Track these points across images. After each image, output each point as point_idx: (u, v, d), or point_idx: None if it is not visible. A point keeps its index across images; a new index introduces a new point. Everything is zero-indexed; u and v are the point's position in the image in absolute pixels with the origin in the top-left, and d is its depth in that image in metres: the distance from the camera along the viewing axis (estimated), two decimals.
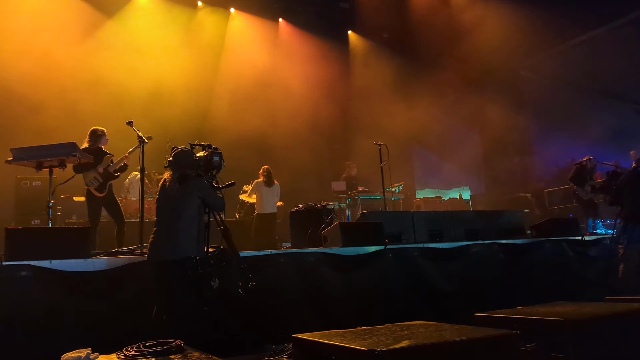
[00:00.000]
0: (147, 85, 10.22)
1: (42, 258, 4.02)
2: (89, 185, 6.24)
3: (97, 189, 6.25)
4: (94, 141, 6.39)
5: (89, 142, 6.39)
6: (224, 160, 4.43)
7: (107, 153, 6.47)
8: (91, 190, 6.25)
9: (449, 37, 11.84)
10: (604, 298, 4.27)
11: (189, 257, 3.98)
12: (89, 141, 6.39)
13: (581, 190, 9.66)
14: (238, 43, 12.24)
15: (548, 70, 12.89)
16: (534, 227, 7.62)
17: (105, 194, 6.33)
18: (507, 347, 2.69)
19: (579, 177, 9.69)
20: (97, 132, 6.44)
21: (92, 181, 6.23)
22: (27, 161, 5.05)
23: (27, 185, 8.13)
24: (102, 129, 6.53)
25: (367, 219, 6.92)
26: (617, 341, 3.23)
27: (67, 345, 3.05)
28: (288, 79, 12.31)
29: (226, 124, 10.89)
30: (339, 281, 5.33)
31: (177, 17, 11.60)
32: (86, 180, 6.24)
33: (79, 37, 9.99)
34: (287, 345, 4.32)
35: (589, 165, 9.73)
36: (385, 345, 2.36)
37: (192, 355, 2.64)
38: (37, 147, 5.21)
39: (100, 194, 6.29)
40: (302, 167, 11.07)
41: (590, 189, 9.60)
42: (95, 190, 6.25)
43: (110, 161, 6.40)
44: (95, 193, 6.26)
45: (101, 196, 6.30)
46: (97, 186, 6.25)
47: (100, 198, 6.32)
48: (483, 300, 5.67)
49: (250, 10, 12.54)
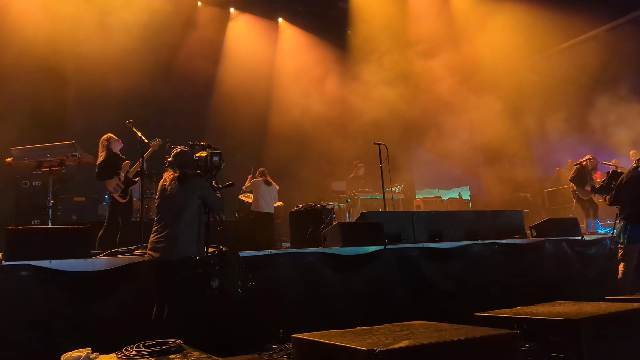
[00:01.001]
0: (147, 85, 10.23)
1: (42, 258, 4.02)
2: (114, 192, 6.37)
3: (121, 195, 6.39)
4: (107, 149, 6.49)
5: (104, 150, 6.48)
6: (223, 160, 4.43)
7: (123, 159, 6.60)
8: (115, 197, 6.38)
9: (448, 37, 11.84)
10: (603, 297, 4.27)
11: (189, 257, 3.98)
12: (103, 149, 6.49)
13: (581, 190, 9.67)
14: (238, 43, 12.23)
15: (548, 70, 12.90)
16: (534, 227, 7.62)
17: (126, 201, 6.47)
18: (507, 347, 2.69)
19: (580, 177, 9.70)
20: (109, 139, 6.55)
21: (115, 188, 6.37)
22: (27, 161, 5.05)
23: (27, 185, 8.13)
24: (113, 136, 6.63)
25: (367, 219, 6.91)
26: (617, 340, 3.23)
27: (67, 345, 3.06)
28: (288, 79, 12.31)
29: (226, 123, 10.90)
30: (339, 281, 5.33)
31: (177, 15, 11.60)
32: (110, 187, 6.37)
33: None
34: (287, 345, 4.32)
35: (589, 166, 9.73)
36: (384, 345, 2.36)
37: (192, 355, 2.65)
38: (37, 147, 5.22)
39: (124, 200, 6.43)
40: (302, 167, 11.07)
41: (590, 189, 9.60)
42: (120, 197, 6.38)
43: (129, 167, 6.53)
44: (119, 199, 6.39)
45: (124, 202, 6.44)
46: (121, 192, 6.39)
47: (123, 204, 6.44)
48: (483, 300, 5.67)
49: (250, 10, 12.54)
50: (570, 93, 12.82)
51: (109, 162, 6.44)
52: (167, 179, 4.25)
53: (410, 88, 12.22)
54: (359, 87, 12.39)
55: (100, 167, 6.35)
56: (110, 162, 6.45)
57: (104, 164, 6.40)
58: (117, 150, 6.59)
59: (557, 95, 13.02)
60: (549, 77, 13.17)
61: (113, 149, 6.53)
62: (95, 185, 7.04)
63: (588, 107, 12.35)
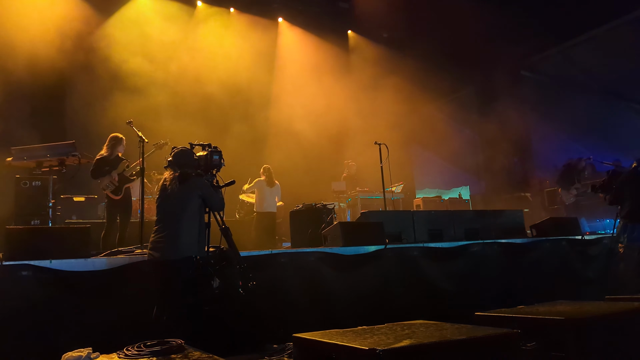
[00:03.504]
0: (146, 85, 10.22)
1: (42, 258, 4.02)
2: (105, 189, 6.47)
3: (113, 192, 6.48)
4: (112, 148, 6.60)
5: (107, 149, 6.59)
6: (223, 159, 4.42)
7: (122, 158, 6.67)
8: (108, 194, 6.49)
9: (448, 36, 11.83)
10: (604, 297, 4.27)
11: (189, 257, 3.98)
12: (108, 148, 6.59)
13: (565, 194, 9.50)
14: (237, 43, 12.22)
15: (548, 69, 12.90)
16: (534, 227, 7.62)
17: (121, 197, 6.54)
18: (508, 347, 2.69)
19: (566, 179, 9.53)
20: (116, 139, 6.65)
21: (107, 185, 6.46)
22: (27, 161, 5.06)
23: (27, 185, 8.11)
24: (121, 136, 6.72)
25: (368, 218, 6.92)
26: (618, 340, 3.23)
27: (67, 344, 3.04)
28: (288, 79, 12.30)
29: (225, 123, 10.89)
30: (340, 280, 5.33)
31: (177, 15, 11.60)
32: (102, 184, 6.47)
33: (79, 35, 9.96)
34: (288, 344, 4.32)
35: (578, 167, 9.59)
36: (385, 344, 2.36)
37: (193, 355, 2.64)
38: (37, 147, 5.23)
39: (117, 197, 6.50)
40: (302, 167, 11.06)
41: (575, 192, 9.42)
42: (112, 194, 6.47)
43: (127, 166, 6.59)
44: (112, 196, 6.49)
45: (118, 199, 6.51)
46: (113, 189, 6.48)
47: (118, 201, 6.52)
48: (483, 299, 5.67)
49: (249, 10, 12.53)
50: (571, 92, 12.82)
51: (107, 162, 6.52)
52: (168, 178, 4.24)
53: (411, 88, 12.21)
54: (359, 86, 12.40)
55: (96, 165, 6.46)
56: (108, 162, 6.52)
57: (101, 162, 6.49)
58: (119, 152, 6.69)
59: (558, 95, 13.02)
60: (549, 76, 13.18)
61: (116, 151, 6.64)
62: (95, 185, 7.05)
63: (589, 106, 12.37)
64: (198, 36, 11.78)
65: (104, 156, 6.53)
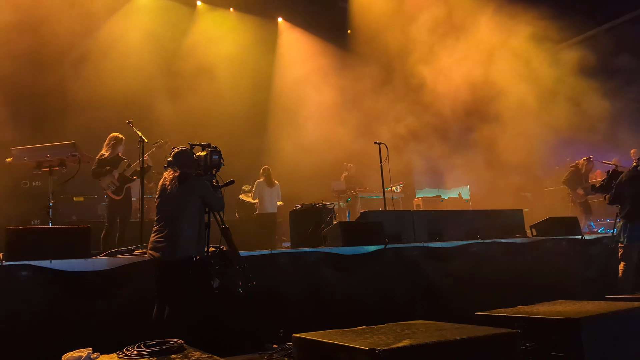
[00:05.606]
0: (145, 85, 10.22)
1: (42, 258, 4.02)
2: (106, 188, 6.52)
3: (114, 192, 6.53)
4: (112, 148, 6.64)
5: (108, 149, 6.64)
6: (223, 158, 4.42)
7: (122, 158, 6.71)
8: (109, 194, 6.54)
9: (447, 36, 11.83)
10: (604, 297, 4.27)
11: (189, 257, 3.98)
12: (108, 148, 6.64)
13: (574, 194, 9.58)
14: (237, 42, 12.23)
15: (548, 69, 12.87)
16: (534, 227, 7.62)
17: (122, 197, 6.59)
18: (508, 346, 2.69)
19: (573, 179, 9.60)
20: (116, 139, 6.71)
21: (108, 185, 6.51)
22: (27, 161, 5.06)
23: (27, 185, 8.12)
24: (121, 136, 6.76)
25: (367, 218, 6.92)
26: (618, 340, 3.23)
27: (67, 344, 3.04)
28: (288, 78, 12.30)
29: (226, 123, 10.89)
30: (339, 280, 5.33)
31: (176, 15, 11.61)
32: (103, 184, 6.52)
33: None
34: (288, 344, 4.32)
35: (584, 168, 9.65)
36: (385, 344, 2.36)
37: (193, 355, 2.64)
38: (37, 147, 5.22)
39: (118, 197, 6.55)
40: (302, 167, 11.06)
41: (583, 192, 9.50)
42: (113, 194, 6.52)
43: (127, 165, 6.64)
44: (112, 196, 6.54)
45: (118, 199, 6.56)
46: (114, 190, 6.53)
47: (118, 201, 6.57)
48: (483, 299, 5.66)
49: (249, 10, 12.53)
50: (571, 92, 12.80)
51: (108, 162, 6.56)
52: (167, 178, 4.24)
53: (411, 88, 12.21)
54: (360, 86, 12.39)
55: (97, 165, 6.49)
56: (109, 162, 6.56)
57: (102, 162, 6.52)
58: (120, 152, 6.72)
59: (557, 95, 12.99)
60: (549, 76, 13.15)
61: (116, 151, 6.67)
62: (95, 185, 7.06)
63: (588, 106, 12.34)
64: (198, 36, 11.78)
65: (104, 156, 6.57)
